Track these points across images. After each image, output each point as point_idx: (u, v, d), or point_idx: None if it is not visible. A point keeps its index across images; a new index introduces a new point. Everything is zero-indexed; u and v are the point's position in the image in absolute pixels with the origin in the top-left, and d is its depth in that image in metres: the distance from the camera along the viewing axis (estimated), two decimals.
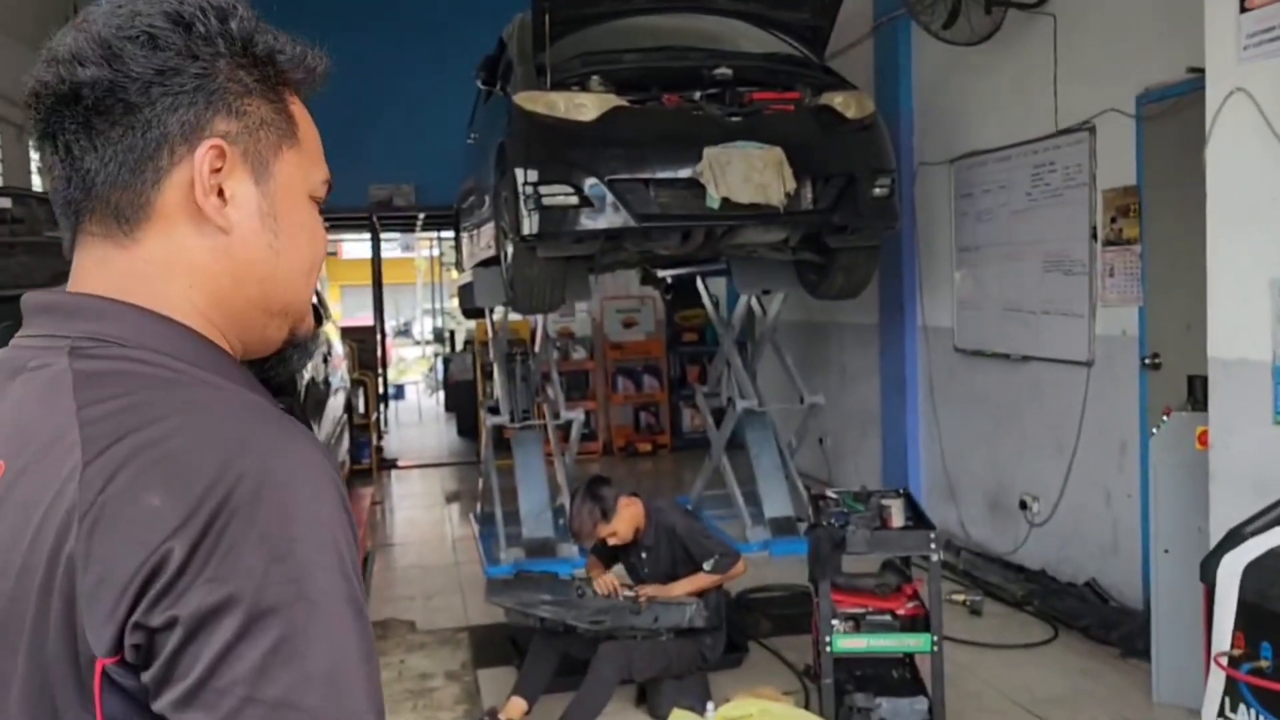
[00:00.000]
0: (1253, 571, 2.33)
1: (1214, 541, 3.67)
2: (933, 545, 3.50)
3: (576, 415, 6.54)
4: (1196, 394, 4.11)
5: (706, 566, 4.13)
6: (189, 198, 0.82)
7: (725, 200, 4.80)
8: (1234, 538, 2.48)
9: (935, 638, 3.54)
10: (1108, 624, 4.76)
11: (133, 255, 0.83)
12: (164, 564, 0.68)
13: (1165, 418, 4.12)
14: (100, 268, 0.83)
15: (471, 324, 11.62)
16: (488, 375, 9.17)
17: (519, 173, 4.93)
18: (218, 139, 0.83)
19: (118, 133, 0.81)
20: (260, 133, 0.86)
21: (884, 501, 3.77)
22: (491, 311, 7.28)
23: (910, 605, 3.82)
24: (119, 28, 0.80)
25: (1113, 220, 5.06)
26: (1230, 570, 2.37)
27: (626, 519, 4.18)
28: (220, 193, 0.83)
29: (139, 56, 0.80)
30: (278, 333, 0.91)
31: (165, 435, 0.72)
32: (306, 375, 5.51)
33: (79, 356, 0.78)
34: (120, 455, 0.71)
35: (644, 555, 4.27)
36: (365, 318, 13.10)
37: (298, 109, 0.90)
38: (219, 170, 0.83)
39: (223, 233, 0.84)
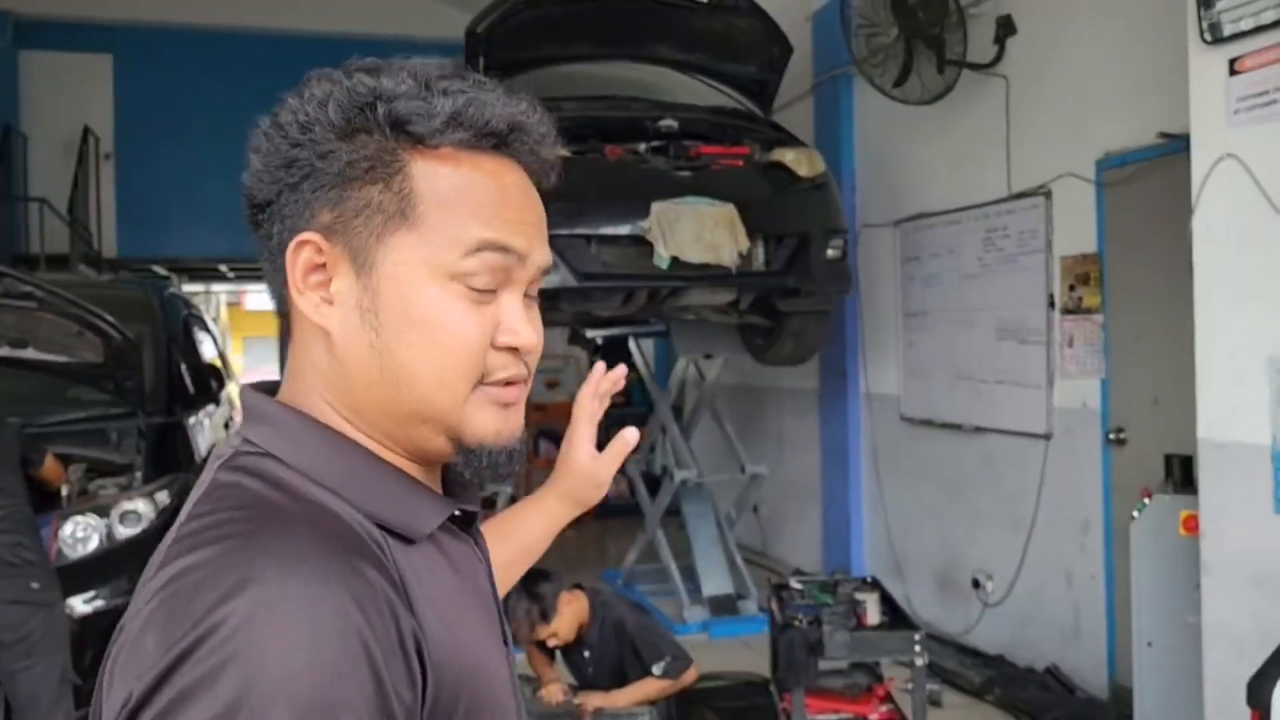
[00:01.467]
0: None
1: (1208, 639, 3.43)
2: (918, 648, 3.15)
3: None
4: (1175, 475, 3.89)
5: (656, 670, 3.70)
6: None
7: (674, 259, 4.47)
8: None
9: None
10: (1078, 717, 4.47)
11: (290, 353, 0.85)
12: (128, 708, 0.65)
13: (1145, 500, 3.88)
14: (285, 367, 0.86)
15: None
16: None
17: None
18: (311, 233, 0.80)
19: (264, 229, 0.83)
20: (358, 220, 0.80)
21: (857, 595, 3.43)
22: None
23: (883, 709, 3.47)
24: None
25: (1072, 288, 4.87)
26: None
27: (568, 618, 3.73)
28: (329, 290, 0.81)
29: (268, 149, 0.81)
30: (430, 441, 0.82)
31: (191, 566, 0.68)
32: (205, 444, 4.97)
33: (226, 466, 0.79)
34: (157, 584, 0.69)
35: (587, 654, 3.82)
36: (270, 370, 12.49)
37: (427, 177, 0.80)
38: (321, 266, 0.80)
39: (326, 333, 0.81)
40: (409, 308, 0.79)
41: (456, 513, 0.86)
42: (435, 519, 0.82)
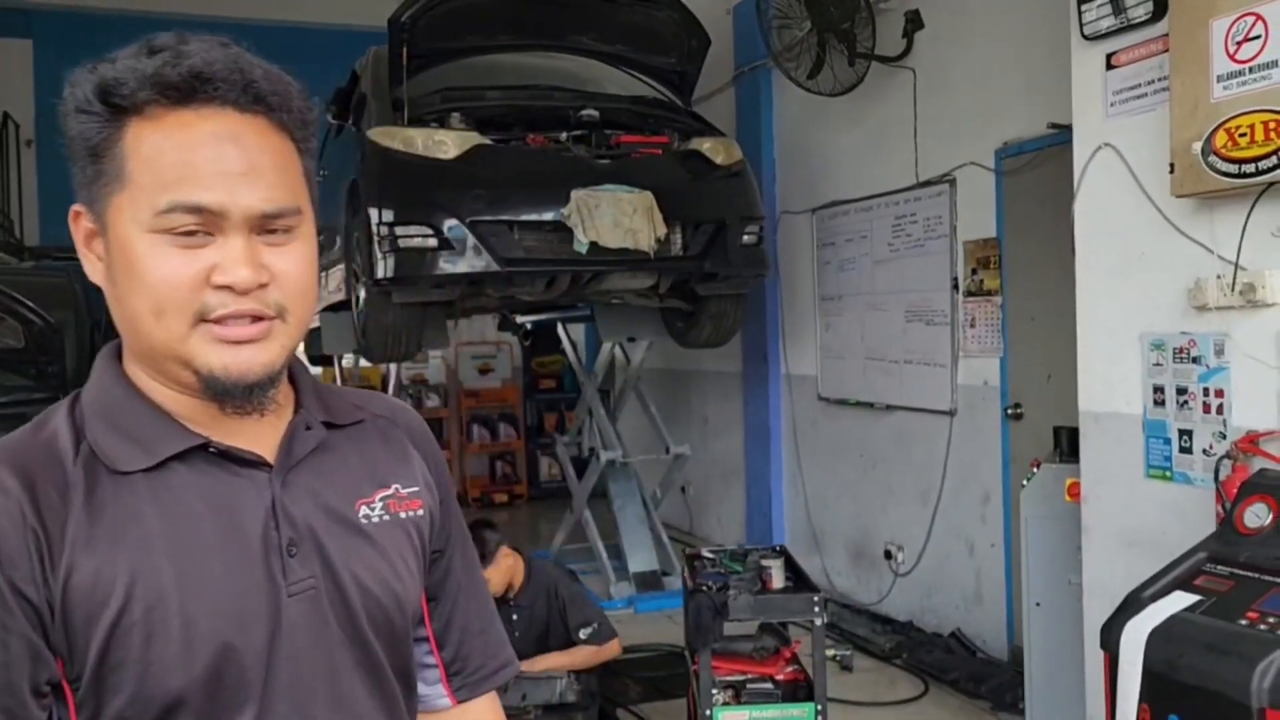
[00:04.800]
0: (1157, 639, 2.25)
1: (1088, 597, 3.68)
2: (817, 609, 3.34)
3: None
4: (1063, 445, 4.13)
5: (583, 634, 3.85)
6: None
7: (594, 245, 4.60)
8: (1133, 604, 2.40)
9: (819, 706, 3.37)
10: (977, 677, 4.72)
11: None
12: None
13: (1034, 469, 4.12)
14: None
15: (319, 370, 11.04)
16: None
17: (373, 212, 4.61)
18: (78, 204, 0.93)
19: None
20: (94, 188, 0.91)
21: (763, 561, 3.60)
22: (340, 358, 6.86)
23: (789, 669, 3.65)
24: None
25: (973, 271, 5.12)
26: (1133, 639, 2.29)
27: (503, 570, 3.86)
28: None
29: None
30: (179, 374, 0.92)
31: None
32: None
33: None
34: None
35: (514, 617, 3.95)
36: None
37: (134, 141, 0.89)
38: (95, 232, 0.93)
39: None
40: (128, 259, 0.89)
41: (212, 450, 0.93)
42: (163, 452, 0.91)
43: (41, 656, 0.85)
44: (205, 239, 0.89)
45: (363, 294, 5.06)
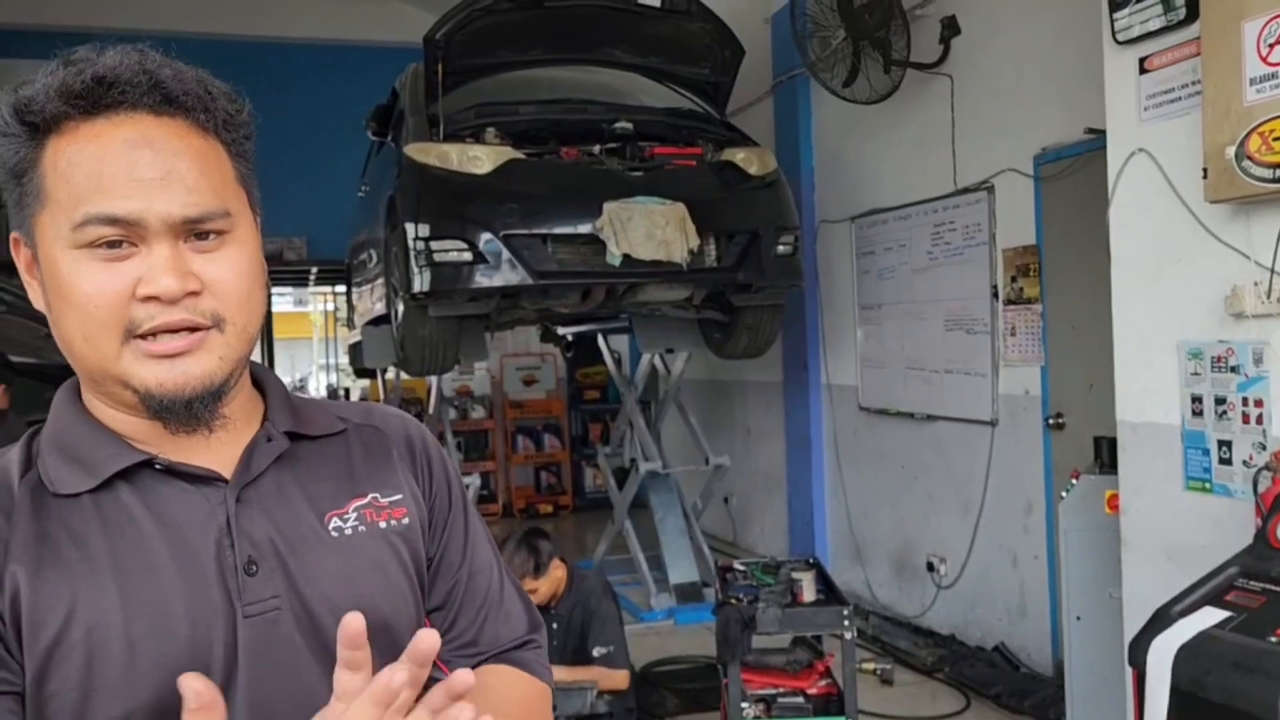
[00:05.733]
0: (1185, 656, 2.20)
1: (1128, 611, 3.60)
2: (846, 622, 3.31)
3: (471, 479, 6.24)
4: (1103, 455, 4.05)
5: (597, 653, 3.87)
6: None
7: (626, 257, 4.62)
8: (1162, 619, 2.35)
9: None
10: (1020, 692, 4.64)
11: None
12: None
13: (1073, 480, 4.05)
14: None
15: (364, 383, 11.20)
16: None
17: (409, 227, 4.68)
18: (16, 232, 0.91)
19: None
20: (22, 213, 0.88)
21: (794, 574, 3.58)
22: (384, 371, 6.95)
23: (822, 684, 3.62)
24: None
25: (1013, 279, 5.04)
26: (1161, 655, 2.23)
27: (551, 581, 3.91)
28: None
29: None
30: (119, 393, 0.90)
31: None
32: None
33: None
34: None
35: (554, 625, 3.98)
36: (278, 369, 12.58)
37: (51, 158, 0.86)
38: (31, 258, 0.90)
39: None
40: (56, 280, 0.87)
41: (158, 466, 0.91)
42: (105, 472, 0.89)
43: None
44: (130, 250, 0.86)
45: (401, 308, 5.13)
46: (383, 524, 0.99)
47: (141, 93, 0.87)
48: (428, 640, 0.73)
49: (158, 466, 0.91)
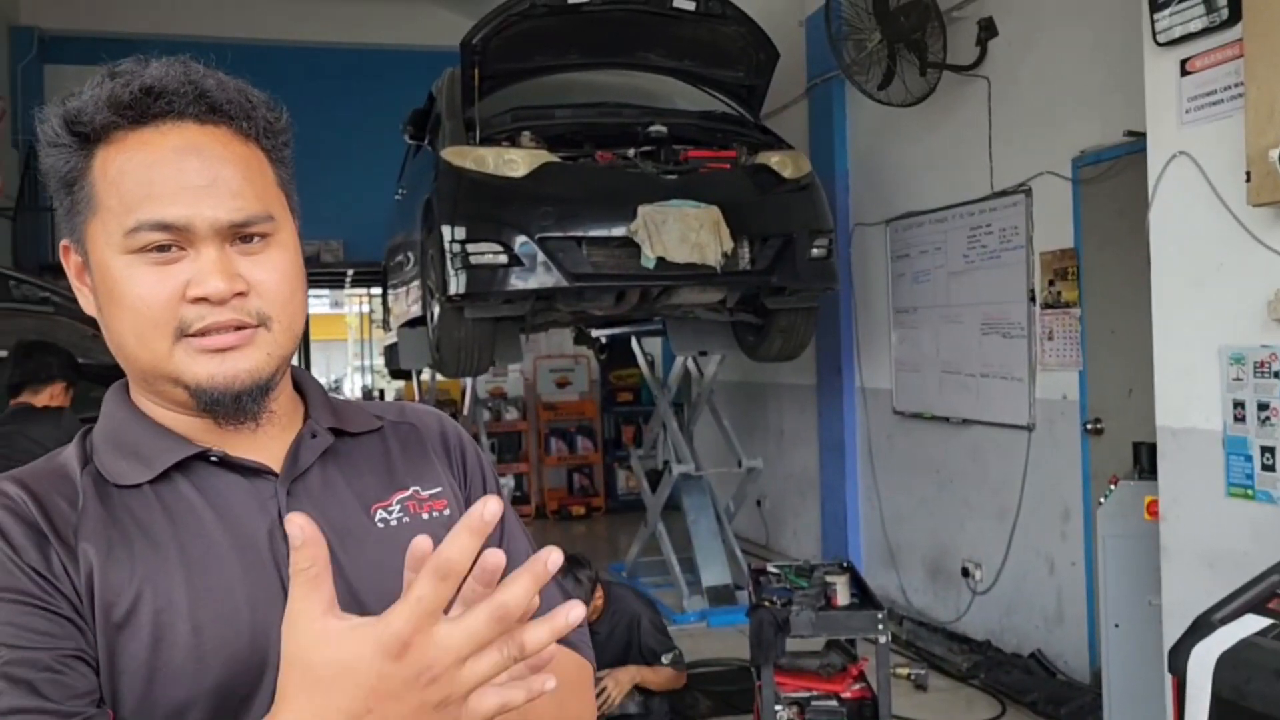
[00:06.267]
0: (1226, 664, 2.17)
1: (1168, 619, 3.56)
2: (880, 626, 3.30)
3: (505, 481, 6.28)
4: (1142, 461, 4.01)
5: (666, 659, 3.95)
6: None
7: (661, 260, 4.63)
8: (1203, 626, 2.32)
9: None
10: (1056, 699, 4.60)
11: None
12: None
13: (1112, 486, 4.01)
14: None
15: (400, 384, 11.29)
16: None
17: (445, 230, 4.72)
18: (66, 239, 0.94)
19: None
20: (74, 220, 0.92)
21: (828, 578, 3.58)
22: (419, 373, 7.01)
23: (856, 687, 3.62)
24: None
25: (1051, 283, 5.00)
26: (1202, 662, 2.21)
27: (593, 608, 3.96)
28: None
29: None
30: (171, 391, 0.93)
31: None
32: None
33: None
34: None
35: (595, 635, 4.01)
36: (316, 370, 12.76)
37: (101, 167, 0.90)
38: (81, 265, 0.94)
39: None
40: (108, 285, 0.90)
41: (212, 459, 0.93)
42: (162, 464, 0.92)
43: (75, 625, 0.84)
44: (179, 254, 0.89)
45: (436, 310, 5.17)
46: (425, 516, 1.02)
47: (187, 102, 0.90)
48: (494, 558, 0.70)
49: (212, 459, 0.94)
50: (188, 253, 0.89)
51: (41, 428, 3.59)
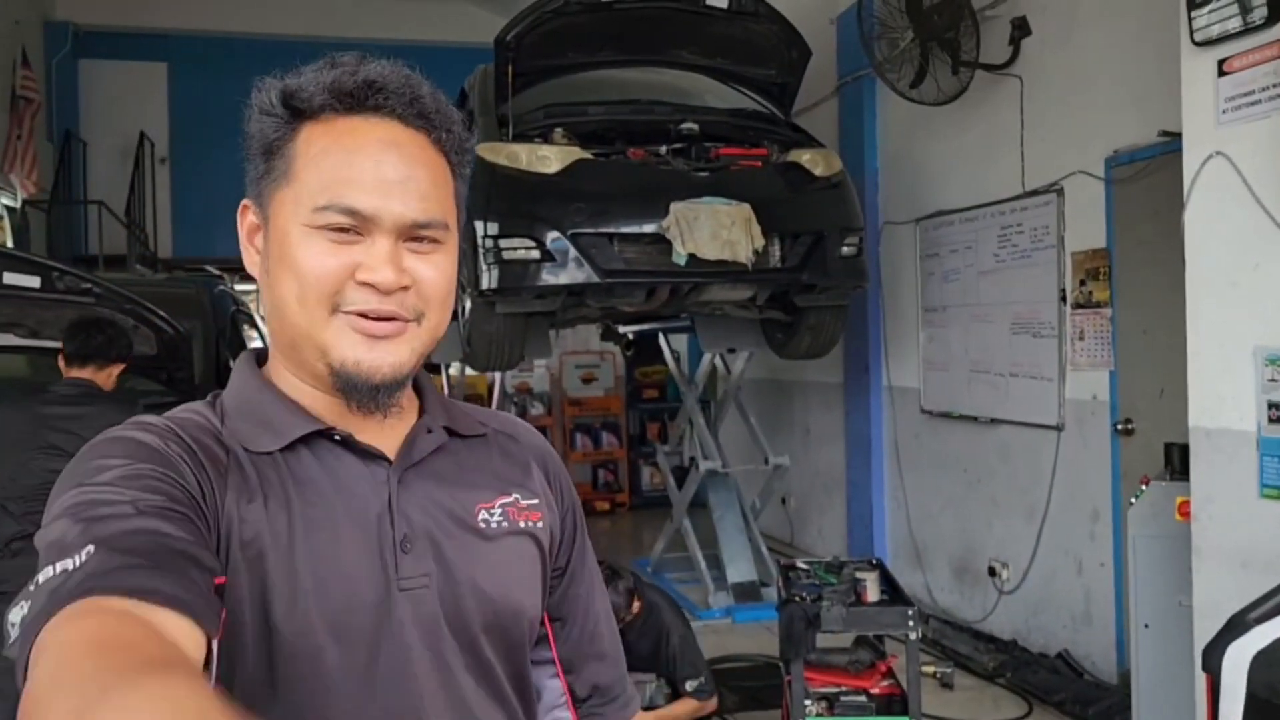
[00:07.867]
0: (1261, 662, 2.18)
1: (1199, 619, 3.55)
2: (911, 623, 3.32)
3: None
4: (1174, 462, 4.00)
5: (689, 686, 3.95)
6: None
7: (692, 256, 4.66)
8: (1237, 625, 2.33)
9: None
10: (1083, 700, 4.59)
11: None
12: None
13: (1143, 487, 4.00)
14: None
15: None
16: None
17: (478, 225, 4.76)
18: (247, 199, 1.00)
19: None
20: (264, 183, 0.97)
21: (858, 574, 3.60)
22: (447, 366, 7.07)
23: (885, 684, 3.63)
24: None
25: (1082, 283, 4.99)
26: (1236, 661, 2.22)
27: (629, 614, 3.99)
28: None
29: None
30: (313, 364, 0.97)
31: None
32: None
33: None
34: None
35: (626, 637, 4.04)
36: None
37: (305, 142, 0.95)
38: (259, 227, 0.99)
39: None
40: (283, 249, 0.94)
41: (335, 437, 0.98)
42: (290, 435, 0.96)
43: (205, 518, 0.89)
44: (355, 238, 0.93)
45: (468, 304, 5.22)
46: (522, 524, 1.06)
47: (400, 102, 0.96)
48: None
49: (335, 438, 0.98)
50: (364, 239, 0.94)
51: (117, 416, 3.61)
